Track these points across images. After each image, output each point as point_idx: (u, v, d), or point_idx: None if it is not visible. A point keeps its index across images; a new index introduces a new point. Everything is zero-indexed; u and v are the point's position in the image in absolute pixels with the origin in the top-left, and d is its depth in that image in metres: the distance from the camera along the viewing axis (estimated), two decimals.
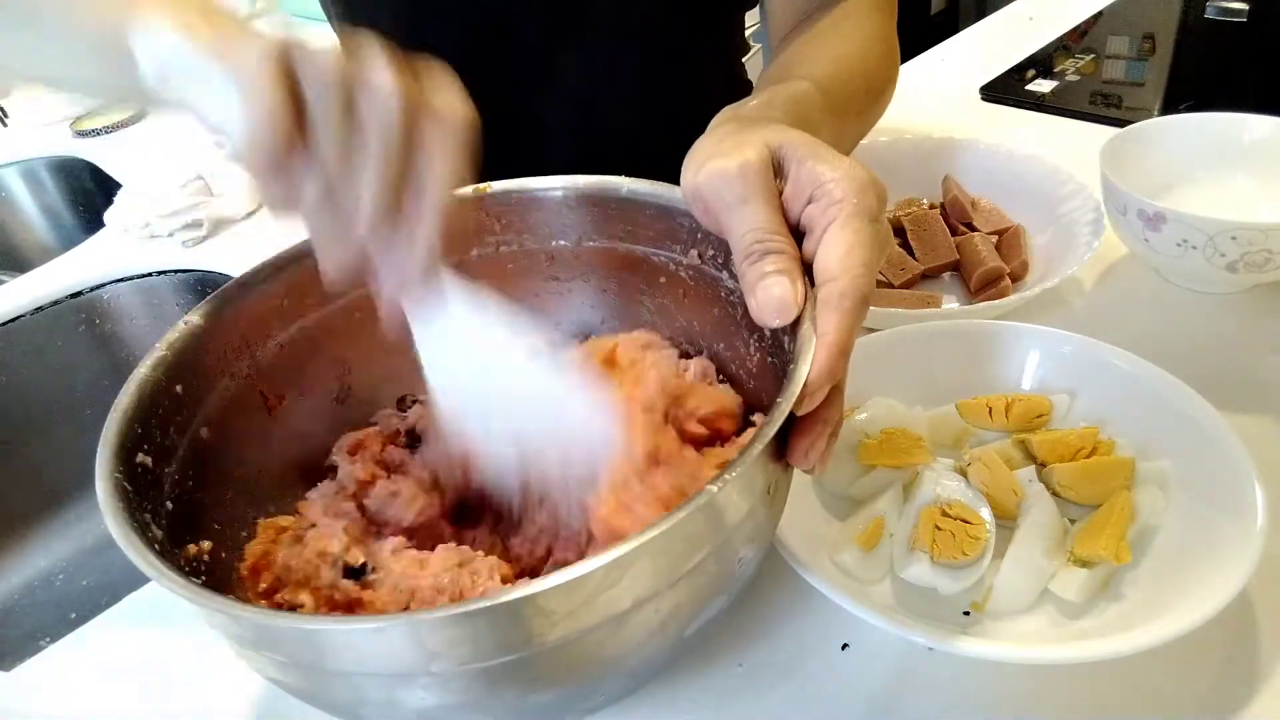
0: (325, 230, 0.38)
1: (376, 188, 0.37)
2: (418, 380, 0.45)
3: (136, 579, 0.42)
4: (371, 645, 0.32)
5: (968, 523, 0.48)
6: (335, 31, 0.83)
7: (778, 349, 0.43)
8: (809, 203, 0.39)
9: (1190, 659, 0.44)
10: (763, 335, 0.46)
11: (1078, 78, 1.05)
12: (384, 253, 0.38)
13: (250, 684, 0.50)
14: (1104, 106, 0.99)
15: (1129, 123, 0.75)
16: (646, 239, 0.51)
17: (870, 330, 0.62)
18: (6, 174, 1.31)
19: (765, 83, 0.60)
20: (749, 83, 0.93)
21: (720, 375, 0.52)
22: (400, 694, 0.33)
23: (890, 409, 0.55)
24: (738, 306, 0.48)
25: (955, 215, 0.77)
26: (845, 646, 0.48)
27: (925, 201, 0.80)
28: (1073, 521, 0.51)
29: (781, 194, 0.41)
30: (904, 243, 0.75)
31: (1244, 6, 1.15)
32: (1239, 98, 0.98)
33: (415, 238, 0.38)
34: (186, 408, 0.44)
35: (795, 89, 0.54)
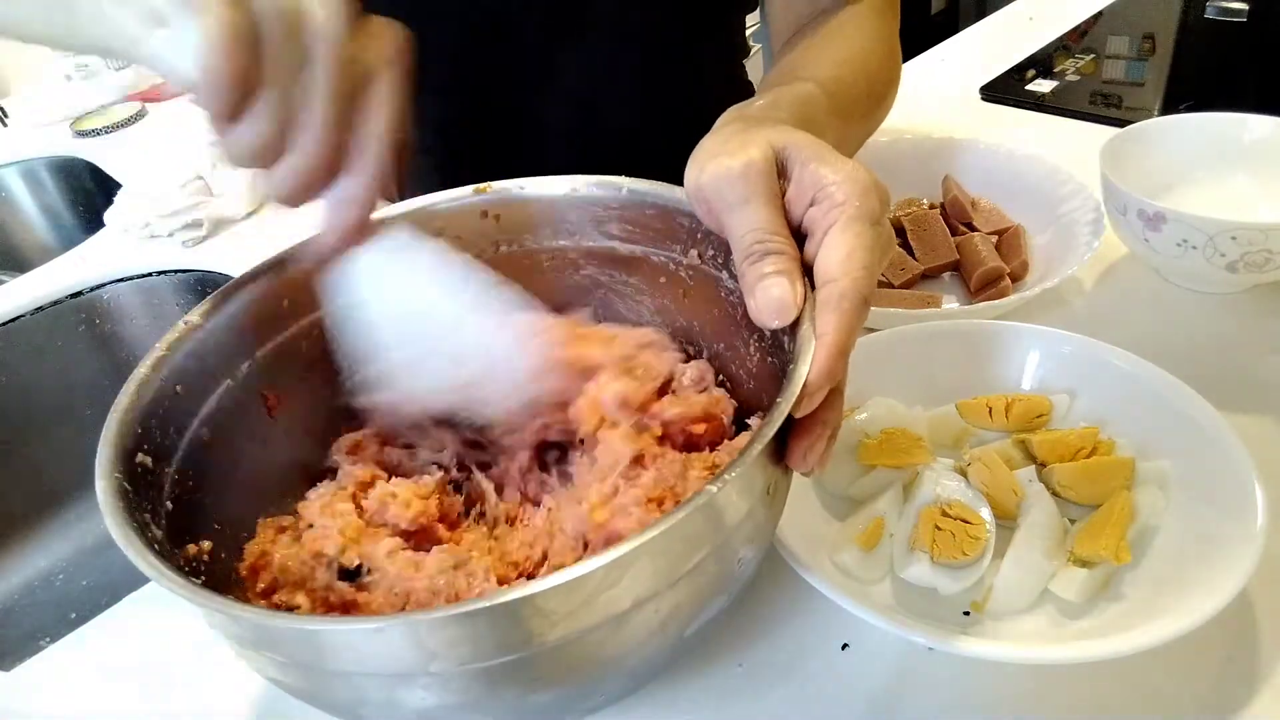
0: (279, 171, 0.40)
1: (324, 120, 0.39)
2: None
3: (136, 579, 0.42)
4: (371, 645, 0.32)
5: (968, 523, 0.48)
6: None
7: (778, 349, 0.43)
8: (811, 205, 0.39)
9: (1190, 659, 0.44)
10: (763, 335, 0.46)
11: (1078, 78, 1.05)
12: (329, 183, 0.41)
13: (250, 684, 0.50)
14: (1104, 106, 0.99)
15: (1129, 123, 0.75)
16: (646, 239, 0.51)
17: (870, 330, 0.62)
18: (6, 174, 1.31)
19: (768, 86, 0.60)
20: (749, 84, 0.93)
21: (721, 376, 0.52)
22: (400, 694, 0.33)
23: (890, 409, 0.55)
24: (738, 307, 0.48)
25: (955, 215, 0.77)
26: (845, 646, 0.48)
27: (925, 201, 0.80)
28: (1073, 521, 0.51)
29: (784, 195, 0.40)
30: (904, 243, 0.75)
31: (1244, 6, 1.15)
32: (1239, 98, 0.98)
33: (358, 168, 0.40)
34: (186, 408, 0.44)
35: (801, 90, 0.54)
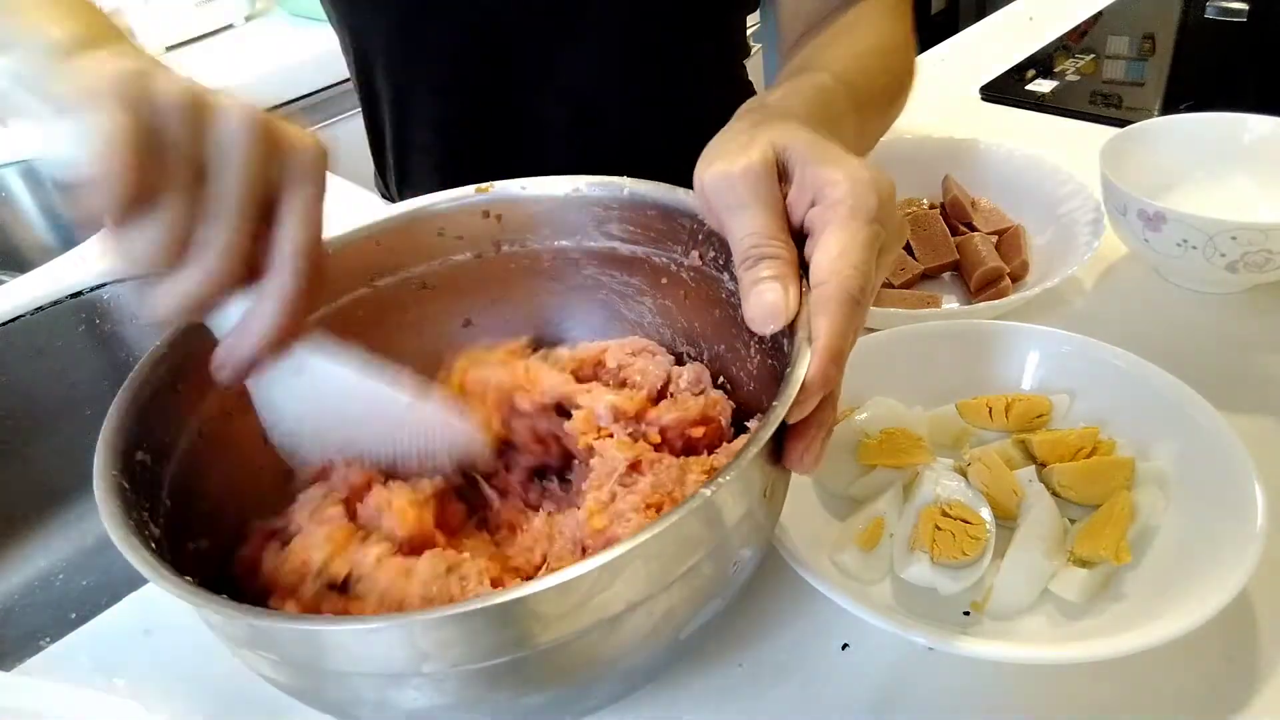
0: (166, 286, 0.36)
1: (229, 235, 0.35)
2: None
3: (136, 579, 0.42)
4: (365, 645, 0.32)
5: (968, 523, 0.48)
6: (336, 31, 0.83)
7: (777, 351, 0.43)
8: (812, 205, 0.39)
9: (1190, 659, 0.44)
10: (763, 338, 0.46)
11: (1078, 78, 1.05)
12: (223, 302, 0.37)
13: (250, 684, 0.49)
14: (1104, 106, 0.99)
15: (1129, 123, 0.75)
16: (647, 240, 0.51)
17: (870, 330, 0.62)
18: (6, 174, 1.31)
19: (785, 79, 0.58)
20: (749, 84, 0.93)
21: (721, 377, 0.52)
22: (393, 694, 0.33)
23: (890, 409, 0.55)
24: (738, 308, 0.47)
25: (955, 215, 0.77)
26: (845, 646, 0.48)
27: (925, 201, 0.80)
28: (1073, 521, 0.50)
29: (787, 197, 0.40)
30: (904, 243, 0.75)
31: (1244, 6, 1.14)
32: (1239, 98, 0.98)
33: (270, 293, 0.37)
34: (186, 407, 0.44)
35: (819, 80, 0.53)
